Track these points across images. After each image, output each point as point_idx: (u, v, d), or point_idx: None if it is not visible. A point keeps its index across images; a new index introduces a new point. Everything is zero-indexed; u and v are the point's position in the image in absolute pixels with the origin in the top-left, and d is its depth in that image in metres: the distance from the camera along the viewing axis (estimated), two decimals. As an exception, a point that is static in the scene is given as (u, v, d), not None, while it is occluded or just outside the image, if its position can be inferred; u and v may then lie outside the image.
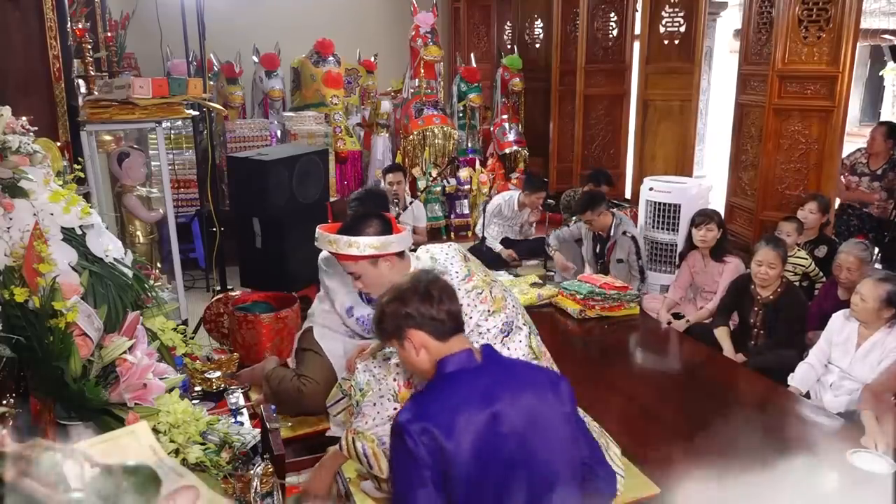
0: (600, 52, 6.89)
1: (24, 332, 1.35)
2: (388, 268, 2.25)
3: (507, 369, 1.67)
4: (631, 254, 4.49)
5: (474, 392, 1.56)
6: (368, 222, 2.26)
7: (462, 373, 1.60)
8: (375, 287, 2.30)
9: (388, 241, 2.22)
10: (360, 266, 2.25)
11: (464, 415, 1.52)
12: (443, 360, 1.63)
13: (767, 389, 3.08)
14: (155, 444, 0.75)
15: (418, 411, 1.55)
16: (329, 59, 6.55)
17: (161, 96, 3.46)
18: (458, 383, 1.59)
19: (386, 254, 2.22)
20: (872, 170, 5.03)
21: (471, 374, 1.60)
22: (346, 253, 2.21)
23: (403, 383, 2.17)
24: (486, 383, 1.58)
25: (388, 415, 2.17)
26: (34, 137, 1.71)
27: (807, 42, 4.50)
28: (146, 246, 4.14)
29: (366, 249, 2.19)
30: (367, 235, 2.21)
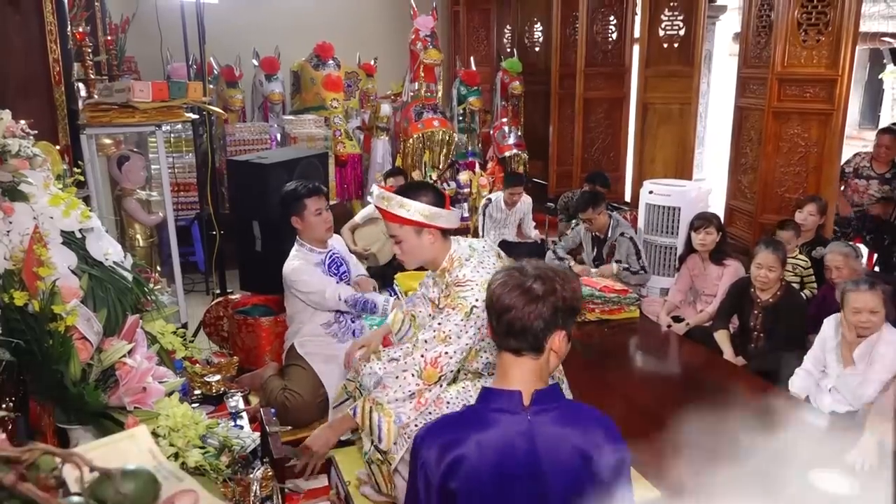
0: (600, 56, 6.90)
1: (23, 336, 1.35)
2: (429, 241, 2.28)
3: (554, 426, 1.45)
4: (631, 255, 4.50)
5: (507, 443, 1.42)
6: (425, 191, 2.30)
7: (503, 415, 1.45)
8: (412, 256, 2.33)
9: (438, 212, 2.25)
10: (404, 231, 2.27)
11: (481, 461, 1.40)
12: (488, 391, 1.51)
13: (767, 393, 3.08)
14: (154, 447, 0.74)
15: (440, 437, 1.46)
16: (329, 62, 6.56)
17: (161, 100, 3.47)
18: (496, 425, 1.44)
19: (432, 225, 2.25)
20: (880, 173, 5.04)
21: (512, 420, 1.44)
22: (395, 213, 2.23)
23: (430, 360, 2.16)
24: (522, 440, 1.42)
25: (409, 390, 2.17)
26: (34, 141, 1.71)
27: (806, 45, 4.50)
28: (146, 249, 4.14)
29: (414, 214, 2.22)
30: (420, 202, 2.23)
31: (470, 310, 2.17)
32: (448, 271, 2.31)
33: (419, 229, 2.26)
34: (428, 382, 2.17)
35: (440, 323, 2.19)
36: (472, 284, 2.21)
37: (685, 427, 2.77)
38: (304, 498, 2.44)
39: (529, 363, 1.47)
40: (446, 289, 2.29)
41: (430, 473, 1.43)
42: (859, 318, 2.80)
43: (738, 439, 2.62)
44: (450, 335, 2.17)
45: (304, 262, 3.12)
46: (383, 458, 2.35)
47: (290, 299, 3.21)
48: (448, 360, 2.18)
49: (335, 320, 3.22)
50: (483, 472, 1.40)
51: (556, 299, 1.44)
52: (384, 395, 2.20)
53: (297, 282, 3.09)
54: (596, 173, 5.79)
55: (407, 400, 2.18)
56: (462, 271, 2.25)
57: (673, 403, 3.04)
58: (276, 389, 3.08)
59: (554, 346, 1.47)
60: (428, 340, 2.18)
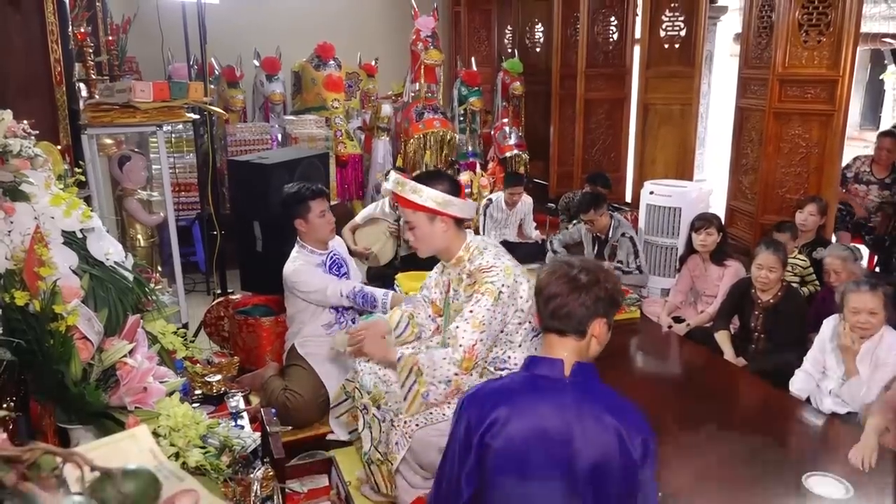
0: (601, 56, 6.90)
1: (24, 336, 1.35)
2: (442, 230, 2.31)
3: (591, 398, 1.56)
4: (630, 254, 4.50)
5: (545, 407, 1.53)
6: (441, 179, 2.35)
7: (545, 381, 1.57)
8: (425, 243, 2.36)
9: (451, 200, 2.27)
10: (417, 217, 2.30)
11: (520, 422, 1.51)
12: (533, 358, 1.64)
13: (768, 393, 3.08)
14: (155, 447, 0.75)
15: (485, 399, 1.58)
16: (330, 62, 6.56)
17: (162, 100, 3.47)
18: (537, 390, 1.57)
19: (444, 213, 2.27)
20: (880, 178, 5.03)
21: (553, 387, 1.56)
22: (408, 198, 2.26)
23: (467, 349, 2.18)
24: (559, 406, 1.53)
25: (447, 376, 2.19)
26: (35, 141, 1.71)
27: (807, 46, 4.50)
28: (147, 249, 4.14)
29: (427, 200, 2.25)
30: (434, 189, 2.25)
31: (497, 294, 2.19)
32: (468, 260, 2.32)
33: (432, 216, 2.28)
34: (465, 372, 2.19)
35: (472, 310, 2.21)
36: (497, 270, 2.23)
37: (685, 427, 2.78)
38: (304, 498, 2.44)
39: (572, 343, 1.59)
40: (468, 277, 2.30)
41: (472, 427, 1.54)
42: (858, 319, 2.79)
43: (738, 440, 2.62)
44: (484, 321, 2.19)
45: (304, 263, 3.12)
46: (383, 458, 2.36)
47: (290, 300, 3.22)
48: (482, 346, 2.20)
49: (336, 321, 3.23)
50: (520, 433, 1.50)
51: (599, 290, 1.57)
52: (427, 366, 2.22)
53: (298, 282, 3.09)
54: (597, 174, 5.79)
55: (443, 384, 2.20)
56: (485, 257, 2.28)
57: (673, 404, 3.04)
58: (276, 389, 3.08)
59: (595, 332, 1.60)
60: (461, 327, 2.20)
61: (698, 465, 2.45)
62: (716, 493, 2.27)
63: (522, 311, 2.28)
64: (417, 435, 2.28)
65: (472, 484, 1.54)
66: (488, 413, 1.53)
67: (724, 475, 2.37)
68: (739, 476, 2.36)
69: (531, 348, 2.31)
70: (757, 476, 2.34)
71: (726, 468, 2.42)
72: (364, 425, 2.46)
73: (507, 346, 2.32)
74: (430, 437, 2.26)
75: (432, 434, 2.25)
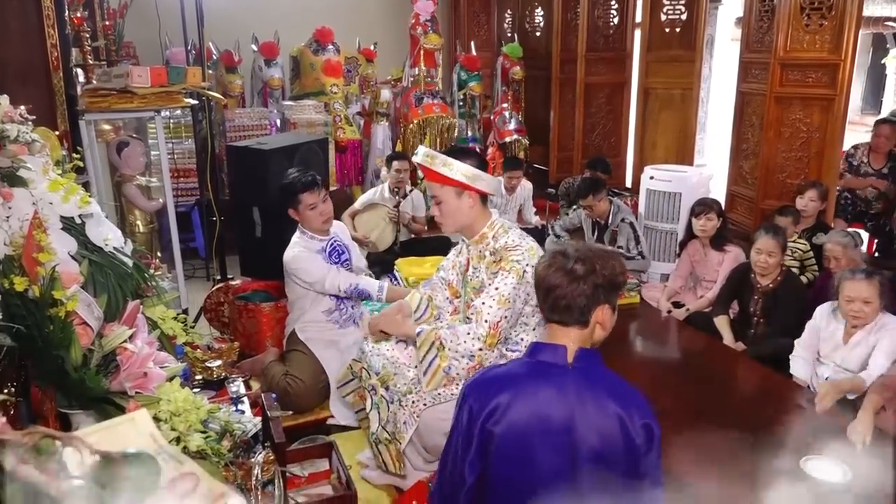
0: (601, 41, 6.86)
1: (24, 321, 1.35)
2: (469, 205, 2.32)
3: (594, 384, 1.55)
4: (630, 240, 4.49)
5: (548, 393, 1.53)
6: (469, 154, 2.37)
7: (548, 367, 1.57)
8: (451, 218, 2.37)
9: (480, 175, 2.28)
10: (445, 191, 2.31)
11: (522, 408, 1.51)
12: (536, 344, 1.64)
13: (767, 378, 3.09)
14: (155, 431, 0.75)
15: (488, 384, 1.59)
16: (328, 47, 6.51)
17: (160, 85, 3.46)
18: (540, 376, 1.57)
19: (473, 188, 2.28)
20: (877, 169, 5.02)
21: (556, 372, 1.56)
22: (438, 171, 2.27)
23: (492, 324, 2.19)
24: (562, 392, 1.52)
25: (470, 350, 2.21)
26: (32, 126, 1.71)
27: (809, 30, 4.47)
28: (146, 235, 4.14)
29: (457, 174, 2.25)
30: (465, 163, 2.26)
31: (522, 273, 2.21)
32: (492, 237, 2.34)
33: (460, 191, 2.30)
34: (489, 348, 2.20)
35: (497, 287, 2.22)
36: (522, 249, 2.25)
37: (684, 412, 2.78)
38: (305, 482, 2.46)
39: (575, 332, 1.60)
40: (493, 255, 2.31)
41: (475, 414, 1.54)
42: (852, 307, 2.78)
43: (737, 424, 2.63)
44: (509, 298, 2.21)
45: (304, 249, 3.12)
46: (391, 438, 2.37)
47: (290, 286, 3.22)
48: (506, 324, 2.23)
49: (336, 307, 3.23)
50: (523, 419, 1.50)
51: (595, 277, 1.57)
52: (450, 340, 2.23)
53: (297, 270, 3.09)
54: (597, 159, 5.77)
55: (466, 358, 2.21)
56: (510, 236, 2.30)
57: (672, 388, 3.05)
58: (277, 375, 3.09)
59: (599, 319, 1.61)
60: (487, 303, 2.22)
61: (696, 450, 2.47)
62: (715, 477, 2.28)
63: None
64: (424, 416, 2.29)
65: (475, 471, 1.55)
66: (490, 400, 1.53)
67: (723, 459, 2.39)
68: (738, 460, 2.37)
69: (544, 333, 2.32)
70: (756, 460, 2.35)
71: (725, 452, 2.43)
72: (372, 406, 2.47)
73: (522, 329, 2.34)
74: (436, 420, 2.28)
75: (440, 415, 2.26)
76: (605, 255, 1.62)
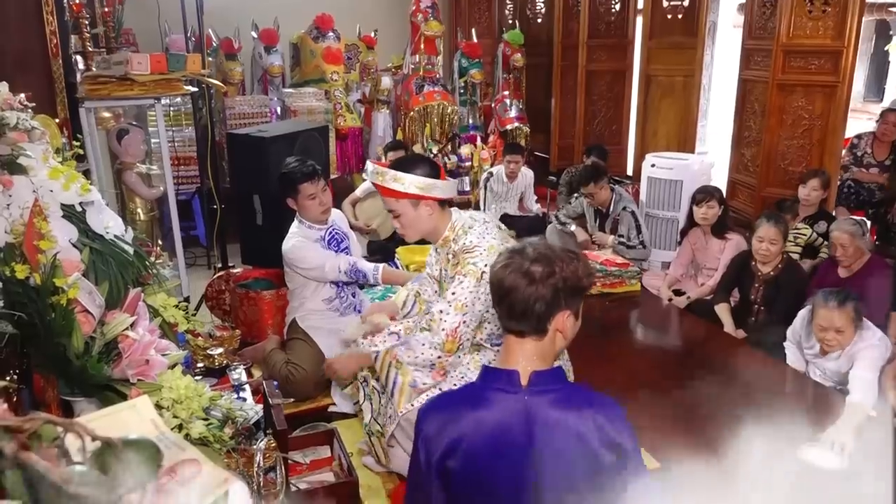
0: (603, 27, 6.82)
1: (25, 309, 1.35)
2: (427, 213, 2.29)
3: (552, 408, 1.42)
4: (631, 229, 4.49)
5: (503, 423, 1.42)
6: (419, 163, 2.30)
7: (501, 394, 1.44)
8: (412, 230, 2.34)
9: (434, 183, 2.24)
10: (401, 205, 2.28)
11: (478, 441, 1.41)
12: (487, 370, 1.51)
13: (767, 365, 3.10)
14: (156, 417, 0.75)
15: (441, 413, 1.47)
16: (329, 34, 6.48)
17: (159, 72, 3.44)
18: (494, 404, 1.44)
19: (429, 196, 2.25)
20: (879, 160, 5.00)
21: (509, 400, 1.43)
22: (390, 187, 2.23)
23: (450, 332, 2.18)
24: (518, 420, 1.41)
25: (430, 359, 2.20)
26: (32, 114, 1.70)
27: (812, 16, 4.45)
28: (147, 223, 4.13)
29: (410, 187, 2.21)
30: (415, 174, 2.23)
31: (480, 275, 2.19)
32: (453, 240, 2.31)
33: (416, 202, 2.26)
34: (449, 354, 2.20)
35: (454, 292, 2.20)
36: (480, 249, 2.22)
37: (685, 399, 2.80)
38: (307, 469, 2.47)
39: (531, 345, 1.46)
40: (454, 257, 2.30)
41: (431, 449, 1.44)
42: (825, 336, 2.76)
43: (736, 411, 2.64)
44: (466, 303, 2.19)
45: (302, 238, 3.11)
46: (382, 430, 2.38)
47: (290, 275, 3.22)
48: (465, 328, 2.20)
49: (336, 295, 3.24)
50: (480, 452, 1.40)
51: (556, 280, 1.42)
52: (407, 356, 2.23)
53: (295, 259, 3.09)
54: (593, 146, 5.75)
55: (426, 368, 2.21)
56: (468, 238, 2.26)
57: (673, 376, 3.06)
58: (279, 363, 3.10)
59: (559, 327, 1.46)
60: (444, 310, 2.20)
61: (695, 437, 2.48)
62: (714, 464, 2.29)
63: None
64: (409, 415, 2.28)
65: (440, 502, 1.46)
66: (444, 436, 1.43)
67: (721, 447, 2.39)
68: (736, 447, 2.37)
69: (499, 353, 2.31)
70: (754, 447, 2.36)
71: (723, 440, 2.44)
72: (364, 397, 2.48)
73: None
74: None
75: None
76: (568, 257, 1.48)
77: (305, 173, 3.06)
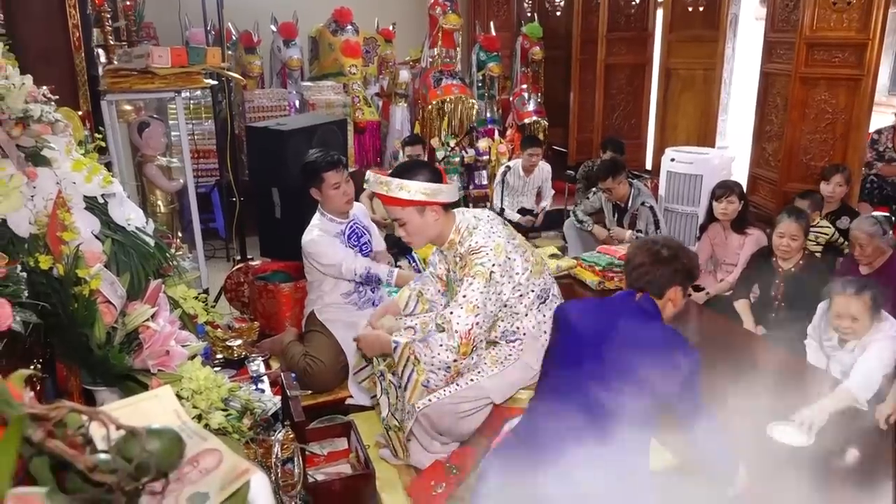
0: (622, 20, 6.76)
1: (49, 299, 1.37)
2: (433, 218, 2.28)
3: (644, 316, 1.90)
4: (649, 224, 4.45)
5: (606, 306, 1.97)
6: (421, 169, 2.30)
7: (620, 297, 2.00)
8: (419, 236, 2.33)
9: (439, 188, 2.24)
10: (406, 213, 2.27)
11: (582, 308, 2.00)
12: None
13: (787, 362, 3.06)
14: (178, 407, 0.76)
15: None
16: (347, 27, 6.49)
17: (180, 65, 3.46)
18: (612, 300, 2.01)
19: (434, 202, 2.24)
20: None
21: (621, 298, 1.97)
22: (396, 196, 2.23)
23: (463, 335, 2.18)
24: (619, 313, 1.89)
25: (446, 361, 2.20)
26: (55, 107, 1.72)
27: (836, 8, 4.37)
28: (167, 215, 4.18)
29: (416, 194, 2.21)
30: (419, 181, 2.22)
31: (489, 275, 2.18)
32: (459, 242, 2.30)
33: (422, 208, 2.25)
34: (464, 357, 2.20)
35: (465, 294, 2.19)
36: (486, 250, 2.21)
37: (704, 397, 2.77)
38: (324, 460, 2.49)
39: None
40: (460, 259, 2.29)
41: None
42: (840, 323, 2.72)
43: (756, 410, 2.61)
44: (477, 304, 2.18)
45: (322, 232, 3.12)
46: (399, 425, 2.39)
47: (309, 268, 3.24)
48: (479, 330, 2.20)
49: (355, 290, 3.25)
50: (577, 320, 1.90)
51: (677, 263, 1.91)
52: (425, 353, 2.22)
53: (313, 254, 3.10)
54: (608, 139, 5.70)
55: (442, 370, 2.21)
56: (474, 239, 2.25)
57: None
58: (297, 355, 3.12)
59: (671, 297, 1.92)
60: (455, 313, 2.19)
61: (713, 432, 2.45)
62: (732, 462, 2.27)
63: (521, 285, 2.26)
64: (427, 411, 2.28)
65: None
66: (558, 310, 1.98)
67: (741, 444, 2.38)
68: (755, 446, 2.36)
69: (539, 315, 2.31)
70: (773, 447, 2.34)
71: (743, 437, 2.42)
72: (382, 391, 2.49)
73: (514, 318, 2.32)
74: (443, 406, 2.28)
75: (447, 404, 2.27)
76: (688, 250, 1.99)
77: (330, 162, 3.07)
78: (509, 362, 2.33)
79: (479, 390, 2.28)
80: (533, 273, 2.29)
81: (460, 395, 2.26)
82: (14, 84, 1.44)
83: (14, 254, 1.36)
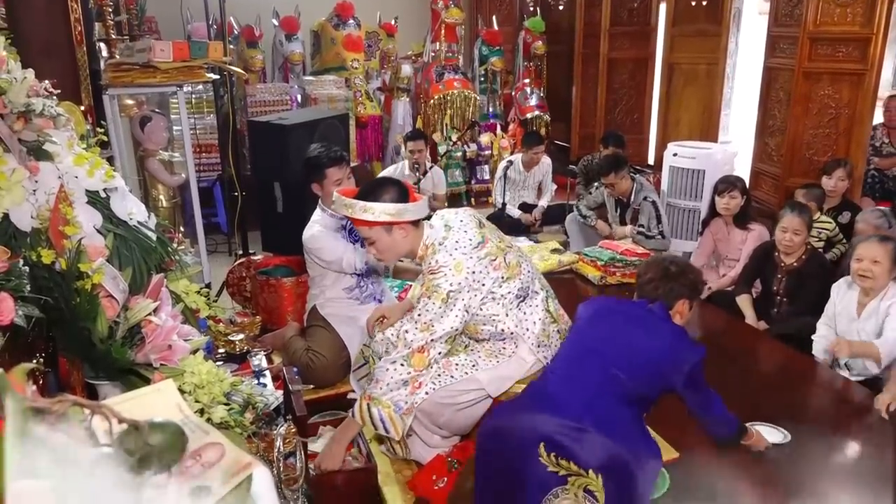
0: (625, 14, 6.74)
1: (51, 293, 1.37)
2: (401, 236, 2.26)
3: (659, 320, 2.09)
4: (651, 219, 4.44)
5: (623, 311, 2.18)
6: (385, 189, 2.25)
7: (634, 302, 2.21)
8: (389, 254, 2.32)
9: (404, 209, 2.21)
10: (374, 232, 2.25)
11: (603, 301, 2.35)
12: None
13: (789, 357, 3.06)
14: (181, 401, 0.76)
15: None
16: (349, 22, 6.48)
17: (182, 60, 3.46)
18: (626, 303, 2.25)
19: (401, 221, 2.22)
20: None
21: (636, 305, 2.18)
22: (361, 218, 2.20)
23: (416, 349, 2.18)
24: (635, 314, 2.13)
25: (400, 378, 2.19)
26: (57, 101, 1.72)
27: (840, 3, 4.36)
28: (169, 210, 4.18)
29: (381, 216, 2.18)
30: (384, 202, 2.20)
31: (446, 295, 2.17)
32: (424, 258, 2.30)
33: (388, 227, 2.23)
34: (419, 368, 2.19)
35: (419, 313, 2.20)
36: (445, 270, 2.19)
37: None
38: (326, 454, 2.48)
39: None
40: (423, 276, 2.28)
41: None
42: (860, 266, 2.77)
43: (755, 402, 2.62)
44: (431, 323, 2.18)
45: (323, 228, 3.12)
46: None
47: (311, 263, 3.24)
48: (434, 344, 2.19)
49: (356, 285, 3.25)
50: (591, 316, 2.18)
51: (685, 279, 2.12)
52: (377, 389, 2.21)
53: (314, 249, 3.10)
54: (609, 133, 5.68)
55: (401, 387, 2.20)
56: (435, 258, 2.23)
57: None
58: (299, 350, 3.12)
59: (678, 310, 2.12)
60: (409, 331, 2.20)
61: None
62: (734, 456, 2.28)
63: (493, 293, 2.24)
64: (424, 405, 2.28)
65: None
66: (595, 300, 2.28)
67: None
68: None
69: (519, 314, 2.29)
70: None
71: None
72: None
73: (494, 322, 2.27)
74: (441, 400, 2.27)
75: (443, 397, 2.27)
76: (693, 267, 2.26)
77: (333, 158, 3.06)
78: (504, 356, 2.33)
79: (474, 382, 2.28)
80: (508, 279, 2.27)
81: (456, 388, 2.26)
82: (16, 78, 1.44)
83: (16, 248, 1.36)
